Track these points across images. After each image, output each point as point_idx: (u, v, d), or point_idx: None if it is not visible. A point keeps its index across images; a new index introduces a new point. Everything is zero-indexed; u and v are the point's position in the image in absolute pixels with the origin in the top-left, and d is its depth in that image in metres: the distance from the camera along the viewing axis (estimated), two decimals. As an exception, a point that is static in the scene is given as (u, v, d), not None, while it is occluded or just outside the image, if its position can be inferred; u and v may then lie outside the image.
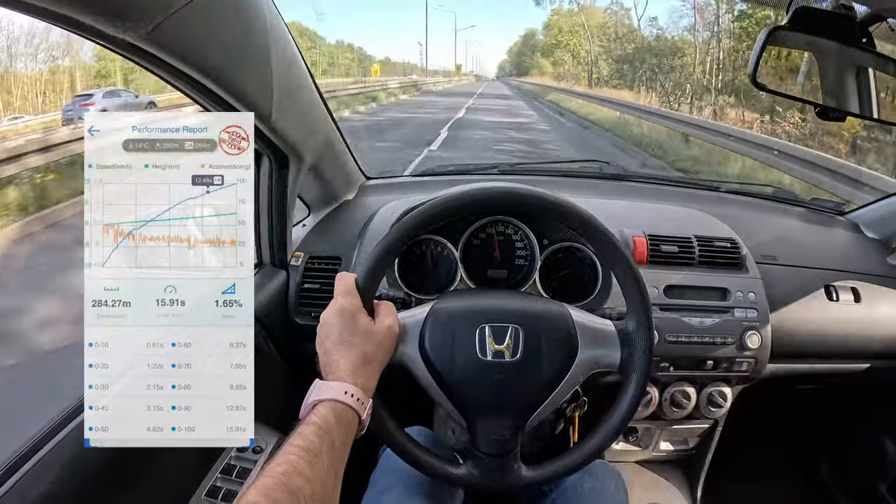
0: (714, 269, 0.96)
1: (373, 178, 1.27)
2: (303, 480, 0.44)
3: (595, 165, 1.39)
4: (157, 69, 0.57)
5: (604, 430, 0.64)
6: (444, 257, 0.92)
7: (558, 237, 0.90)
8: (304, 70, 0.84)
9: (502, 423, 0.62)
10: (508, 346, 0.62)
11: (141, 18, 0.49)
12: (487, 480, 0.63)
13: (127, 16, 0.48)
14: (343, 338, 0.56)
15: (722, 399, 0.97)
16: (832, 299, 0.99)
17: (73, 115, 8.98)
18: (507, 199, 0.66)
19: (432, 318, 0.64)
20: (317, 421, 0.50)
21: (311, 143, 0.91)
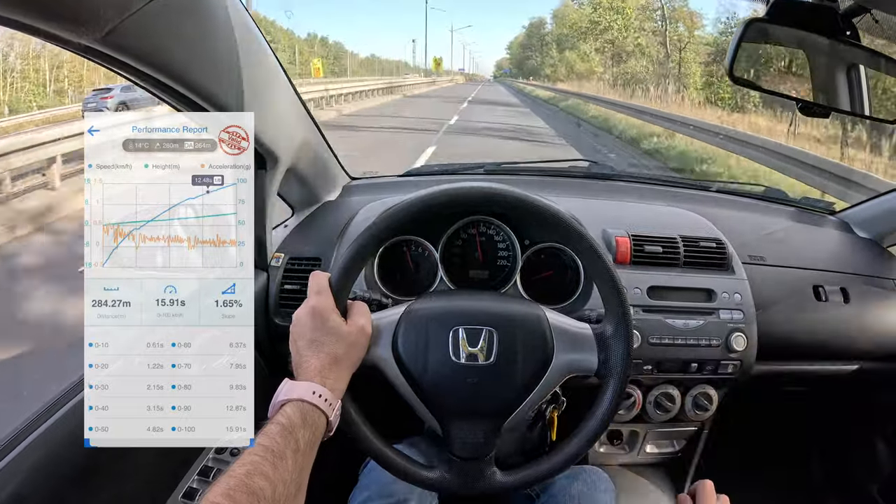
0: (699, 270, 0.94)
1: (357, 179, 1.26)
2: (265, 481, 0.44)
3: (583, 165, 1.38)
4: (119, 70, 0.57)
5: (581, 434, 0.63)
6: (424, 258, 0.91)
7: (540, 238, 0.88)
8: (277, 69, 0.83)
9: (476, 427, 0.62)
10: (482, 349, 0.61)
11: (96, 22, 0.48)
12: (461, 485, 0.62)
13: (81, 19, 0.47)
14: (314, 337, 0.56)
15: (707, 402, 0.96)
16: (821, 300, 0.98)
17: (93, 107, 9.87)
18: (481, 198, 0.64)
19: (406, 319, 0.63)
20: (282, 421, 0.49)
21: (287, 143, 0.90)
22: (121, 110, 9.25)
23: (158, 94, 0.64)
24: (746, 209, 1.22)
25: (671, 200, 1.15)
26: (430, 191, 0.64)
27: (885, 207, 1.15)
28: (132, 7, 0.50)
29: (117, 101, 10.12)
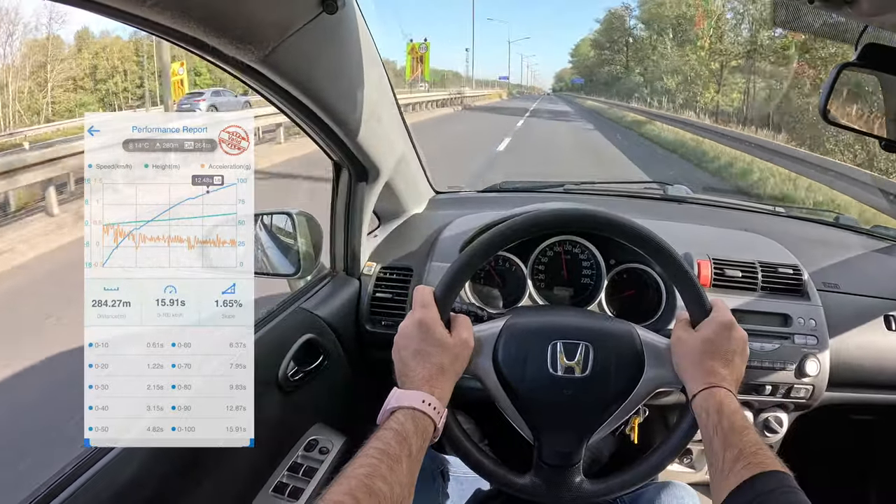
0: (776, 295, 0.96)
1: (442, 193, 1.31)
2: (383, 483, 0.45)
3: (658, 187, 1.40)
4: (267, 90, 0.61)
5: (665, 447, 0.65)
6: (511, 273, 0.95)
7: (625, 258, 0.92)
8: (389, 88, 0.87)
9: (568, 437, 0.65)
10: (579, 363, 0.64)
11: (260, 42, 0.52)
12: (550, 491, 0.65)
13: (248, 38, 0.51)
14: (420, 348, 0.58)
15: (778, 425, 0.97)
16: (891, 329, 0.98)
17: (188, 107, 11.84)
18: (580, 221, 0.69)
19: (506, 332, 0.66)
20: (396, 427, 0.51)
21: (390, 158, 0.95)
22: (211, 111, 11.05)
23: (295, 115, 0.69)
24: (820, 236, 1.22)
25: (745, 225, 1.16)
26: (537, 211, 0.67)
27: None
28: (290, 29, 0.54)
29: (208, 104, 12.36)
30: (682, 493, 0.77)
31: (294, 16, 0.54)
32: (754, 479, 0.47)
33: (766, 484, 0.47)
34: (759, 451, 0.50)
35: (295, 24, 0.54)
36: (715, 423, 0.54)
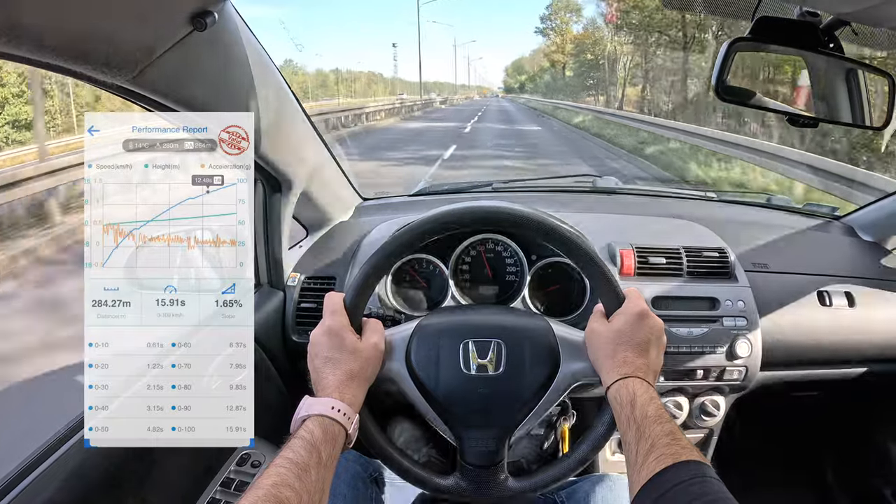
0: (703, 279, 0.96)
1: (369, 199, 1.30)
2: (291, 492, 0.45)
3: (588, 180, 1.39)
4: (148, 106, 0.60)
5: (588, 440, 0.64)
6: (435, 275, 0.94)
7: (545, 253, 0.91)
8: (291, 98, 0.86)
9: (488, 435, 0.64)
10: (491, 360, 0.64)
11: (126, 65, 0.51)
12: (475, 491, 0.64)
13: (113, 63, 0.50)
14: (330, 355, 0.58)
15: (714, 408, 0.97)
16: (825, 304, 0.98)
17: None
18: (484, 217, 0.66)
19: (418, 334, 0.66)
20: (305, 435, 0.51)
21: (300, 168, 0.93)
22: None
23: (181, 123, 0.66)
24: (750, 218, 1.23)
25: (676, 211, 1.16)
26: (436, 212, 0.66)
27: (888, 210, 1.15)
28: (158, 50, 0.53)
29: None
30: (619, 485, 0.76)
31: (161, 37, 0.53)
32: (665, 471, 0.46)
33: (677, 475, 0.45)
34: (672, 441, 0.49)
35: (163, 44, 0.53)
36: (628, 415, 0.53)
